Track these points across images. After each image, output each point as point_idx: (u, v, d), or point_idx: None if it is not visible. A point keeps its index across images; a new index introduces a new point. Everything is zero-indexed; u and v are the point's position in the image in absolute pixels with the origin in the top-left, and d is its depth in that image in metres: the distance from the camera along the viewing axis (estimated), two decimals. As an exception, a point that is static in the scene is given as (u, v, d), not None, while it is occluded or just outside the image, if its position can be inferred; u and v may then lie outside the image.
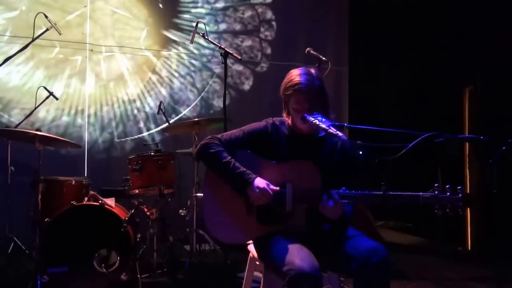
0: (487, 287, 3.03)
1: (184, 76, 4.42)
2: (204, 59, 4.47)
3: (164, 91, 4.33)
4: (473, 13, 4.06)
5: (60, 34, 3.25)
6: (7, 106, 3.88)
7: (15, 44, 3.77)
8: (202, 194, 2.03)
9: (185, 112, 4.38)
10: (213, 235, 1.97)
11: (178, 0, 4.42)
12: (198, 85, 4.45)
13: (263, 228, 1.85)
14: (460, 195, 1.65)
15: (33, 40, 3.09)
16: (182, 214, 3.35)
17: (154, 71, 4.32)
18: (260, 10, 4.68)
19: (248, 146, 1.92)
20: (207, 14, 4.51)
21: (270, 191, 1.81)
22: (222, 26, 4.56)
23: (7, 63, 3.09)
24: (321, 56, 2.84)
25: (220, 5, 4.55)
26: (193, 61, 4.44)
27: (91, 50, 4.11)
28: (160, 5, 4.36)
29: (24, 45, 3.15)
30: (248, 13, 4.64)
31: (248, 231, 1.88)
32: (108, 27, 4.19)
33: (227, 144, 1.92)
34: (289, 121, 1.94)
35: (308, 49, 2.88)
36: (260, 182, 1.82)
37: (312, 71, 1.90)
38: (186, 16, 4.44)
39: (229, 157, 1.88)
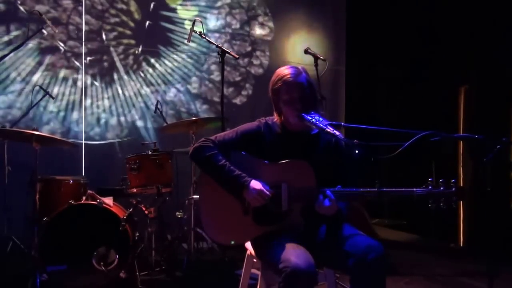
0: (479, 282, 3.07)
1: (182, 75, 4.43)
2: (202, 58, 4.48)
3: (161, 90, 4.34)
4: (468, 13, 4.11)
5: (55, 32, 3.25)
6: (2, 106, 3.86)
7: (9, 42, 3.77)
8: (198, 196, 2.04)
9: (183, 111, 4.39)
10: (211, 237, 1.99)
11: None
12: (196, 84, 4.46)
13: (260, 229, 1.87)
14: (454, 188, 1.68)
15: (28, 39, 3.09)
16: (179, 216, 3.36)
17: (151, 70, 4.32)
18: (258, 10, 4.69)
19: (242, 147, 1.93)
20: (203, 11, 4.52)
21: (266, 193, 1.83)
22: (220, 26, 4.57)
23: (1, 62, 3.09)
24: (318, 55, 2.87)
25: (218, 5, 4.56)
26: (191, 60, 4.45)
27: (88, 47, 4.11)
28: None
29: (20, 43, 3.15)
30: (246, 13, 4.65)
31: (245, 232, 1.90)
32: (104, 24, 4.18)
33: (221, 146, 1.92)
34: (281, 120, 1.94)
35: (306, 47, 2.91)
36: (255, 184, 1.83)
37: (299, 67, 1.93)
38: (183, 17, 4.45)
39: (224, 160, 1.88)
